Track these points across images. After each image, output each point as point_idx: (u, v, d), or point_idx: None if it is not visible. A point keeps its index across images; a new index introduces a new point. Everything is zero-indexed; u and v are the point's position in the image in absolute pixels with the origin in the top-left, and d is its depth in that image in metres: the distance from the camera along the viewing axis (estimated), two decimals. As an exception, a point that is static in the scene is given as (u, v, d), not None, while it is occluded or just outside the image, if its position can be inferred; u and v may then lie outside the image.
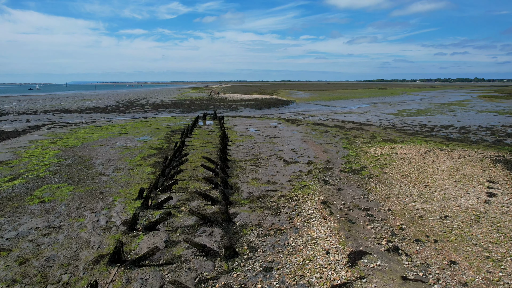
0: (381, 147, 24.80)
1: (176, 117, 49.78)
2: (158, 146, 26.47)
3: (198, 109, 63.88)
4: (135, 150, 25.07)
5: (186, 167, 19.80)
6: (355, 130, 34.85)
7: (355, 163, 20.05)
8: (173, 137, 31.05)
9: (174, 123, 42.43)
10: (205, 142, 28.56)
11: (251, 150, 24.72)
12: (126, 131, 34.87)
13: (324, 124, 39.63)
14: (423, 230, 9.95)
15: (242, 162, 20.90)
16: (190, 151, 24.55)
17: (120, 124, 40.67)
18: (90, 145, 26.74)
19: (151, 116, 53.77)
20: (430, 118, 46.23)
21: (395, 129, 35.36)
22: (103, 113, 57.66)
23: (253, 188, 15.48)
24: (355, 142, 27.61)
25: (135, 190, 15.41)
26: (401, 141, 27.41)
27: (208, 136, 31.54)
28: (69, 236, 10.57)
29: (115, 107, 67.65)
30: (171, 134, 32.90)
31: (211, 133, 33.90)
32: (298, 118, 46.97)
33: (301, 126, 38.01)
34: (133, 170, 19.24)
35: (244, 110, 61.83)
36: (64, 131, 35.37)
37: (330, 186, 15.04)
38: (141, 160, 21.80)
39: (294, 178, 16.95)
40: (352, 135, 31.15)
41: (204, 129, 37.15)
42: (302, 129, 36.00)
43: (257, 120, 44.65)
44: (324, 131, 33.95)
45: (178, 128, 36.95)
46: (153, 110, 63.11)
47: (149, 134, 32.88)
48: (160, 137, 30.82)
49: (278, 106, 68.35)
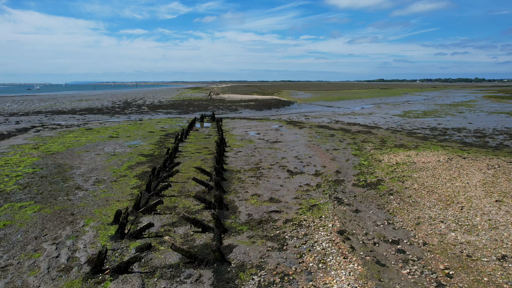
0: (394, 154, 22.27)
1: (173, 119, 47.28)
2: (149, 153, 23.96)
3: (196, 110, 61.38)
4: (123, 157, 22.56)
5: (177, 178, 17.29)
6: (362, 133, 32.34)
7: (369, 174, 17.52)
8: (167, 141, 28.55)
9: (170, 125, 39.93)
10: (201, 147, 26.06)
11: (251, 158, 22.21)
12: (117, 134, 32.36)
13: (329, 127, 37.11)
14: (480, 280, 7.33)
15: (240, 173, 18.39)
16: (183, 159, 22.05)
17: (113, 127, 38.18)
18: (74, 151, 24.24)
19: (147, 117, 51.28)
20: (439, 120, 43.70)
21: (404, 133, 32.85)
22: (97, 115, 55.18)
23: (253, 208, 12.97)
24: (364, 148, 25.09)
25: (114, 209, 12.91)
26: (415, 146, 24.89)
27: (204, 141, 29.05)
28: (10, 285, 8.03)
29: (110, 108, 65.16)
30: (165, 138, 30.40)
31: (208, 136, 31.40)
32: (300, 120, 44.45)
33: (304, 129, 35.50)
34: (116, 182, 16.73)
35: (244, 111, 59.34)
36: (52, 134, 32.87)
37: (345, 207, 12.52)
38: (128, 169, 19.29)
39: (301, 195, 14.42)
40: (360, 140, 28.63)
41: (201, 132, 34.65)
42: (305, 132, 33.49)
43: (257, 122, 42.15)
44: (329, 135, 31.43)
45: (173, 131, 34.45)
46: (150, 111, 60.61)
47: (141, 138, 30.38)
48: (153, 142, 28.32)
49: (279, 107, 65.86)
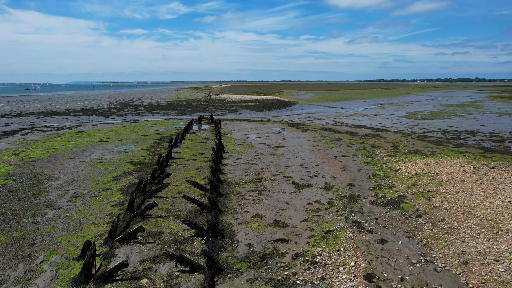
0: (411, 162, 19.94)
1: (169, 121, 44.95)
2: (139, 160, 21.63)
3: (194, 111, 59.05)
4: (110, 165, 20.24)
5: (167, 193, 14.98)
6: (370, 137, 30.02)
7: (388, 188, 15.21)
8: (160, 146, 26.23)
9: (166, 127, 37.60)
10: (197, 153, 23.73)
11: (252, 166, 19.89)
12: (108, 138, 30.04)
13: (334, 130, 34.78)
14: None
15: (240, 185, 16.07)
16: (176, 168, 19.71)
17: (105, 130, 35.85)
18: (57, 158, 21.92)
19: (143, 119, 48.96)
20: (449, 122, 41.37)
21: (415, 136, 30.52)
22: (92, 116, 52.87)
23: (255, 235, 10.66)
24: (376, 154, 22.76)
25: (86, 237, 10.60)
26: (431, 153, 22.56)
27: (201, 145, 26.72)
28: None
29: (106, 108, 62.84)
30: (159, 142, 28.07)
31: (205, 140, 29.06)
32: (303, 122, 42.12)
33: (308, 132, 33.18)
34: (97, 198, 14.41)
35: (244, 112, 57.01)
36: (39, 137, 30.56)
37: (368, 235, 10.20)
38: (113, 181, 16.97)
39: (312, 216, 12.10)
40: (369, 144, 26.31)
41: (198, 135, 32.32)
42: (309, 136, 31.16)
43: (258, 125, 39.83)
44: (335, 139, 29.10)
45: (168, 135, 32.12)
46: (147, 112, 58.29)
47: (133, 142, 28.06)
48: (145, 147, 26.00)
49: (280, 107, 63.52)
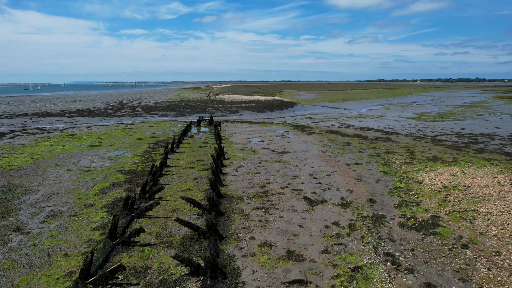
0: (434, 171, 17.77)
1: (167, 122, 42.79)
2: (131, 168, 19.47)
3: (194, 112, 56.90)
4: (98, 174, 18.08)
5: (158, 212, 12.81)
6: (381, 141, 27.86)
7: (415, 205, 13.03)
8: (156, 151, 24.06)
9: (163, 130, 35.44)
10: (195, 160, 21.57)
11: (256, 176, 17.72)
12: (100, 142, 27.88)
13: (341, 133, 32.60)
14: None
15: (243, 201, 13.90)
16: (171, 178, 17.54)
17: (99, 132, 33.67)
18: (41, 166, 19.75)
19: (140, 120, 46.81)
20: (460, 124, 39.20)
21: (429, 140, 28.36)
22: (87, 117, 50.72)
23: (264, 273, 8.49)
24: (392, 161, 20.58)
25: (50, 277, 8.43)
26: (453, 160, 20.40)
27: (199, 151, 24.55)
28: None
29: (103, 109, 60.68)
30: (154, 147, 25.91)
31: (204, 145, 26.89)
32: (307, 124, 39.95)
33: (314, 135, 31.01)
34: (76, 218, 12.24)
35: (245, 114, 54.85)
36: (26, 141, 28.39)
37: (407, 276, 8.03)
38: (98, 195, 14.81)
39: (332, 245, 9.92)
40: (382, 149, 24.14)
41: (197, 138, 30.15)
42: (316, 139, 28.99)
43: (260, 127, 37.66)
44: (344, 143, 26.93)
45: (165, 138, 29.94)
46: (144, 113, 56.14)
47: (126, 147, 25.89)
48: (139, 152, 23.83)
49: (282, 108, 61.35)
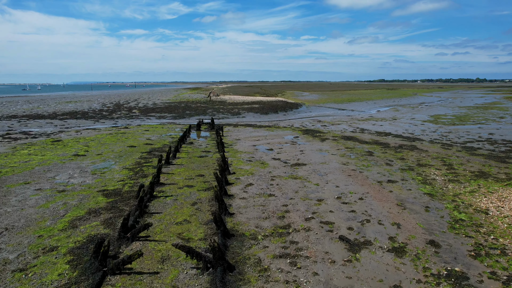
0: (494, 194, 14.10)
1: (164, 126, 39.14)
2: (116, 187, 15.81)
3: (193, 113, 53.25)
4: (74, 196, 14.44)
5: (142, 264, 9.16)
6: (406, 149, 24.24)
7: (500, 253, 9.37)
8: (148, 163, 20.40)
9: (159, 135, 31.78)
10: (194, 174, 17.92)
11: (270, 199, 14.08)
12: (86, 150, 24.23)
13: (357, 139, 28.96)
14: None
15: (258, 242, 10.25)
16: (163, 203, 13.84)
17: (87, 138, 30.01)
18: (6, 183, 16.08)
19: (135, 123, 43.17)
20: (485, 128, 35.57)
21: (460, 148, 24.74)
22: (80, 119, 47.06)
23: None
24: (431, 177, 16.93)
25: None
26: (506, 177, 16.76)
27: (199, 162, 20.91)
28: None
29: (98, 111, 57.01)
30: (148, 157, 22.25)
31: (204, 154, 23.23)
32: (317, 128, 36.30)
33: (328, 142, 27.38)
34: (24, 274, 8.54)
35: (248, 116, 51.23)
36: (2, 149, 24.72)
37: None
38: (66, 230, 11.15)
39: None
40: (412, 161, 20.49)
41: (197, 145, 26.50)
42: (331, 147, 25.36)
43: (266, 131, 34.01)
44: (365, 153, 23.29)
45: (160, 145, 26.29)
46: (141, 115, 52.47)
47: (115, 157, 22.24)
48: (129, 164, 20.19)
49: (287, 110, 57.72)
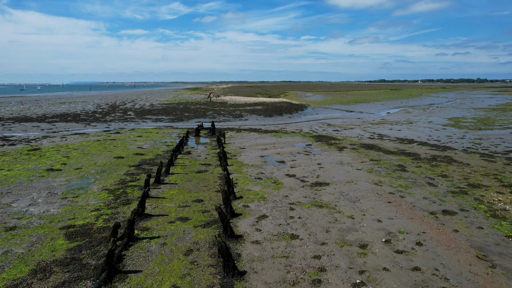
0: None
1: (160, 130, 35.25)
2: (86, 222, 11.86)
3: (192, 116, 49.33)
4: (24, 238, 10.50)
5: None
6: (442, 162, 20.33)
7: None
8: (135, 182, 16.44)
9: (153, 142, 27.89)
10: (190, 200, 13.98)
11: (293, 247, 10.09)
12: (64, 163, 20.32)
13: (380, 148, 25.04)
14: None
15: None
16: (145, 252, 9.79)
17: (71, 146, 26.10)
18: None
19: (129, 127, 39.31)
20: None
21: (506, 160, 20.86)
22: (70, 122, 43.17)
23: None
24: (500, 207, 12.97)
25: None
26: None
27: (197, 179, 16.98)
28: None
29: (91, 113, 53.08)
30: (135, 173, 18.31)
31: (204, 168, 19.28)
32: (330, 134, 32.35)
33: (347, 152, 23.47)
34: None
35: (251, 118, 47.33)
36: (-32, 161, 20.85)
37: None
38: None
39: None
40: (459, 179, 16.56)
41: (195, 156, 22.58)
42: (352, 158, 21.44)
43: (273, 138, 30.09)
44: (395, 167, 19.34)
45: (153, 156, 22.37)
46: (136, 117, 48.55)
47: (97, 172, 18.31)
48: (111, 184, 16.26)
49: (292, 112, 53.82)
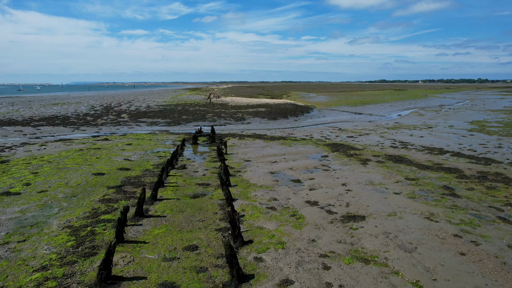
0: None
1: (155, 136, 31.18)
2: (20, 293, 7.85)
3: (191, 119, 45.28)
4: None
5: None
6: (496, 181, 16.27)
7: None
8: (110, 213, 12.33)
9: (143, 152, 23.86)
10: (180, 246, 9.89)
11: None
12: (28, 183, 16.23)
13: (410, 160, 20.94)
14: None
15: None
16: None
17: (46, 157, 22.04)
18: None
19: (121, 131, 35.32)
20: (557, 141, 27.68)
21: None
22: (57, 126, 39.17)
23: None
24: None
25: None
26: None
27: (192, 209, 12.90)
28: None
29: (82, 115, 49.00)
30: (114, 197, 14.22)
31: (201, 191, 15.17)
32: (345, 141, 28.24)
33: (373, 166, 19.38)
34: None
35: (254, 122, 43.29)
36: None
37: None
38: None
39: None
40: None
41: (190, 172, 18.49)
42: (383, 176, 17.36)
43: (281, 146, 26.01)
44: (442, 189, 15.27)
45: (140, 172, 18.28)
46: (130, 120, 44.49)
47: (65, 197, 14.21)
48: (77, 217, 12.16)
49: (298, 114, 49.76)
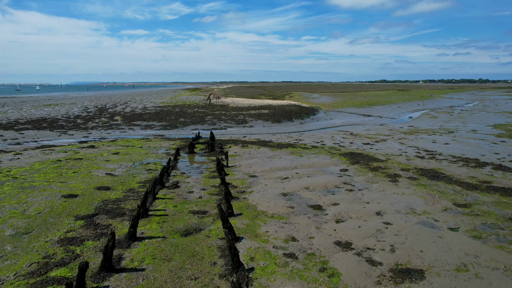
0: None
1: (146, 143, 27.60)
2: None
3: (188, 122, 41.69)
4: None
5: None
6: None
7: None
8: (67, 264, 8.59)
9: (131, 163, 20.28)
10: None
11: None
12: (-23, 210, 12.67)
13: (447, 176, 17.30)
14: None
15: None
16: None
17: (15, 170, 18.47)
18: None
19: (112, 136, 31.82)
20: None
21: None
22: (43, 130, 35.64)
23: None
24: None
25: None
26: None
27: (181, 255, 9.29)
28: None
29: (73, 117, 45.42)
30: (80, 234, 10.60)
31: (195, 224, 11.57)
32: (362, 150, 24.59)
33: (406, 185, 15.79)
34: None
35: (257, 125, 39.72)
36: None
37: None
38: None
39: None
40: None
41: (184, 193, 14.88)
42: (425, 201, 13.75)
43: (290, 156, 22.41)
44: (507, 221, 11.74)
45: (122, 193, 14.69)
46: (123, 123, 40.94)
47: (14, 234, 10.59)
48: (18, 273, 8.46)
49: (303, 116, 46.14)
